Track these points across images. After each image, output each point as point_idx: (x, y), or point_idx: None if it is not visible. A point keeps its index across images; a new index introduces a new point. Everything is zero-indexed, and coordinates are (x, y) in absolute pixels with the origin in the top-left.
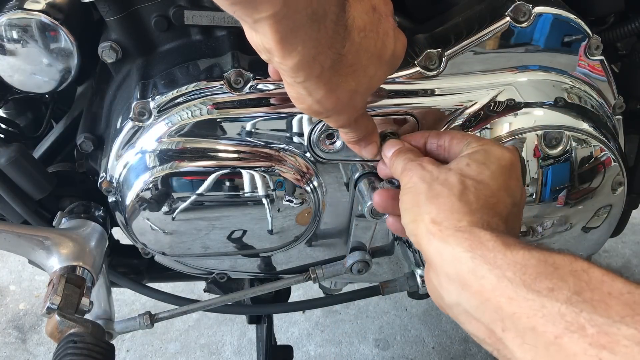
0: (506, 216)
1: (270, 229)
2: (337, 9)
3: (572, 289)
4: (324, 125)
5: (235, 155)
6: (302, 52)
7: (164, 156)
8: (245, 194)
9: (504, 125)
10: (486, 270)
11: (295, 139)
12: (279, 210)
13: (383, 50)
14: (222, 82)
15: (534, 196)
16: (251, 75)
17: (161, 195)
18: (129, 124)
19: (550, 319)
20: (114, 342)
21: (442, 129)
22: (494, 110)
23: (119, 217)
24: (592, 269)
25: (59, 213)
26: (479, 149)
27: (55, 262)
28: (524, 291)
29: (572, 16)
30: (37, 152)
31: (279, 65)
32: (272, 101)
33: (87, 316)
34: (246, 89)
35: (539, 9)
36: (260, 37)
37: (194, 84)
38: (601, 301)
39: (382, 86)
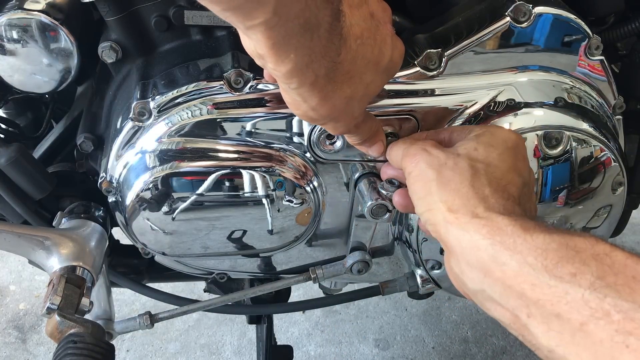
0: (518, 197)
1: (270, 229)
2: (331, 19)
3: (595, 274)
4: None
5: (235, 156)
6: (295, 60)
7: (164, 156)
8: (245, 194)
9: (504, 125)
10: (507, 257)
11: (295, 139)
12: (279, 211)
13: (380, 57)
14: (222, 82)
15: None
16: (251, 75)
17: (161, 196)
18: (129, 124)
19: (574, 305)
20: (114, 342)
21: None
22: (494, 110)
23: (119, 217)
24: (614, 252)
25: (59, 213)
26: (485, 131)
27: (55, 262)
28: (546, 277)
29: (572, 16)
30: (37, 152)
31: (273, 72)
32: (272, 101)
33: (87, 316)
34: (246, 89)
35: (539, 9)
36: (254, 43)
37: (194, 84)
38: (625, 285)
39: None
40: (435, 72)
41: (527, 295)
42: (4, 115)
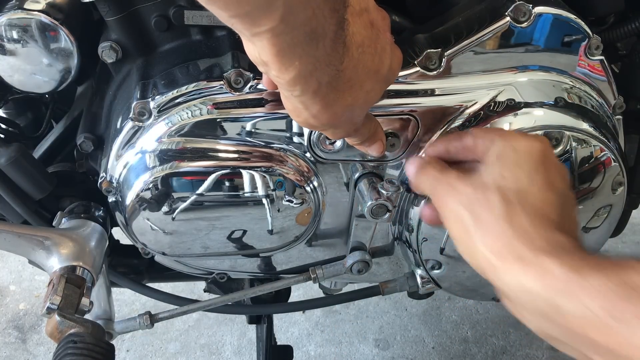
0: (559, 217)
1: (270, 229)
2: (336, 27)
3: None
4: None
5: (235, 155)
6: (299, 67)
7: (164, 156)
8: (245, 194)
9: (504, 126)
10: (564, 302)
11: (295, 139)
12: (279, 210)
13: (380, 65)
14: (222, 82)
15: None
16: (251, 75)
17: (161, 196)
18: (129, 124)
19: None
20: (114, 342)
21: (442, 129)
22: (494, 110)
23: (119, 217)
24: None
25: (59, 213)
26: (506, 147)
27: (55, 262)
28: (609, 320)
29: (572, 16)
30: (37, 152)
31: (276, 79)
32: (272, 101)
33: (87, 316)
34: (246, 89)
35: (539, 9)
36: (258, 50)
37: (194, 84)
38: None
39: None
40: (435, 72)
41: (593, 339)
42: (4, 115)
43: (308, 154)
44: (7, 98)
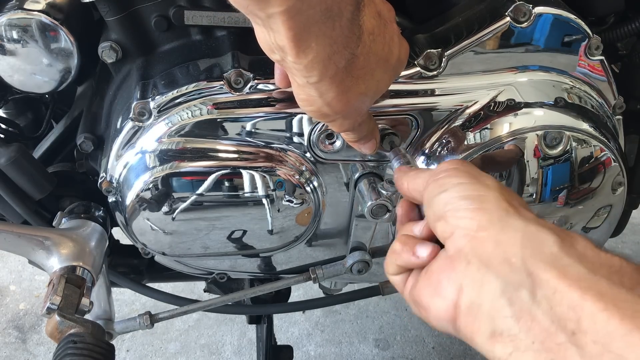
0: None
1: (270, 229)
2: (353, 8)
3: None
4: (323, 125)
5: (235, 156)
6: (317, 50)
7: (164, 156)
8: (245, 194)
9: (504, 126)
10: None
11: (295, 139)
12: (279, 211)
13: (389, 54)
14: (222, 82)
15: (534, 196)
16: (251, 76)
17: (161, 196)
18: (129, 124)
19: None
20: (114, 342)
21: (443, 129)
22: (494, 111)
23: (119, 217)
24: None
25: (59, 213)
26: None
27: (55, 262)
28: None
29: (572, 16)
30: (37, 152)
31: (293, 65)
32: (272, 101)
33: (87, 316)
34: (246, 89)
35: (539, 9)
36: (274, 35)
37: (194, 84)
38: None
39: None
40: (435, 72)
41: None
42: (4, 115)
43: (308, 154)
44: (7, 98)
